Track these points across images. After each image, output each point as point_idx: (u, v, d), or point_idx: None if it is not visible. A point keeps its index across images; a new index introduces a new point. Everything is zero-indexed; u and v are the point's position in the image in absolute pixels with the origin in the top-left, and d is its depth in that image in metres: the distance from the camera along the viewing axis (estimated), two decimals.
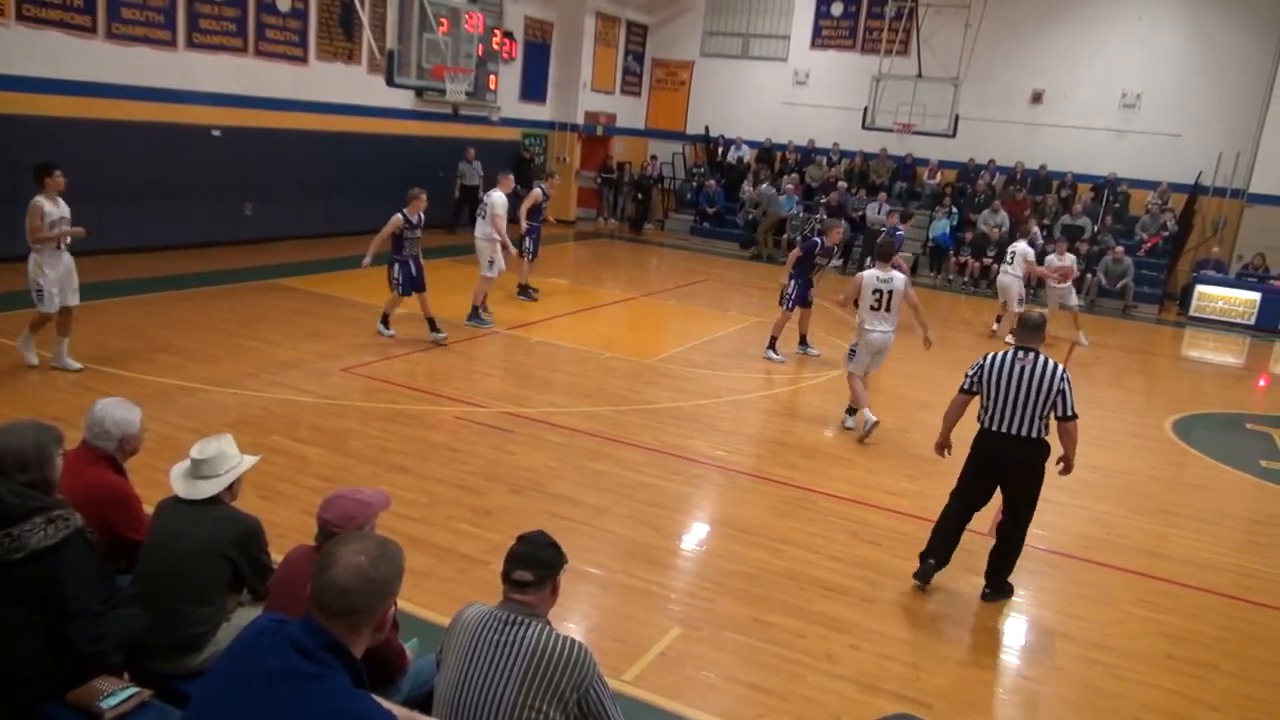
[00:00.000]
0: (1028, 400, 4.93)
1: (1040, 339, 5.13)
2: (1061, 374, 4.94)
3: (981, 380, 5.08)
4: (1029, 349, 5.05)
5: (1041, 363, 4.97)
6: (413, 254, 9.31)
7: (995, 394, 5.02)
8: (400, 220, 9.18)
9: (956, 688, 4.45)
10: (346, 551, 2.09)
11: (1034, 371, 4.93)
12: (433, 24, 11.66)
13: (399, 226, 9.17)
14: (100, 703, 2.75)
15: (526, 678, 2.58)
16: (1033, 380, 4.92)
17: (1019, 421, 4.97)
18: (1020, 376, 4.94)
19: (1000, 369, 5.01)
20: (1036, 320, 5.19)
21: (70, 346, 7.67)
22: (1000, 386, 4.99)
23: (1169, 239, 17.41)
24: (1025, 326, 5.19)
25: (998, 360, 5.05)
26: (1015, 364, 4.98)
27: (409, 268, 9.28)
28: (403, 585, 2.23)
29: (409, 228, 9.24)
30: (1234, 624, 5.36)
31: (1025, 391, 4.93)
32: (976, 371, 5.13)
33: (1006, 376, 4.98)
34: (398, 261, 9.25)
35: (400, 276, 9.27)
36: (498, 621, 2.68)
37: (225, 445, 3.39)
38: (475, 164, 17.21)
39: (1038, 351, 5.04)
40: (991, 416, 5.05)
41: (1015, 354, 5.02)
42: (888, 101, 17.88)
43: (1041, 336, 5.15)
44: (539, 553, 2.77)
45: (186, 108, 12.70)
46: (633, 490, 6.33)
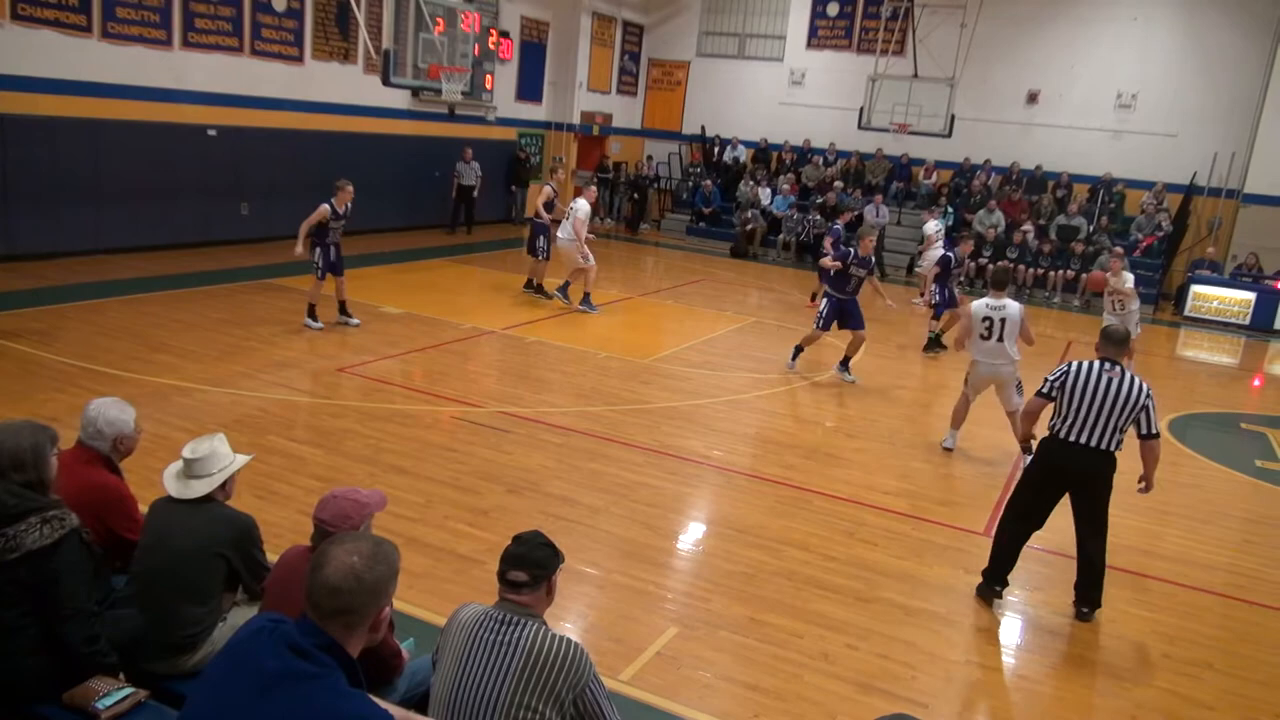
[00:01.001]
0: (1111, 413, 4.86)
1: (1124, 352, 5.10)
2: (1147, 391, 4.90)
3: (1065, 387, 4.97)
4: (1115, 361, 4.99)
5: (1128, 377, 4.91)
6: (334, 241, 9.63)
7: (1077, 403, 4.92)
8: (327, 210, 9.44)
9: (953, 687, 4.46)
10: (340, 552, 2.09)
11: (1120, 385, 4.88)
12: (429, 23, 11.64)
13: (325, 216, 9.45)
14: (96, 703, 2.75)
15: (522, 678, 2.58)
16: (1119, 394, 4.86)
17: (1098, 433, 4.89)
18: (1106, 389, 4.88)
19: (1086, 379, 4.92)
20: (1121, 333, 5.13)
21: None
22: (1084, 396, 4.90)
23: (1164, 239, 17.45)
24: (1109, 339, 5.10)
25: (1083, 369, 4.95)
26: (1102, 375, 4.91)
27: (328, 253, 9.59)
28: (398, 585, 2.23)
29: (334, 218, 9.52)
30: (1229, 623, 5.38)
31: (1110, 404, 4.86)
32: (1060, 377, 5.03)
33: (1092, 387, 4.89)
34: (319, 246, 9.53)
35: (320, 260, 9.55)
36: (493, 621, 2.68)
37: (217, 444, 3.39)
38: (473, 164, 17.18)
39: (1121, 365, 4.99)
40: (1070, 426, 4.94)
41: (1102, 365, 4.95)
42: (884, 102, 17.89)
43: (1126, 349, 5.12)
44: (533, 553, 2.77)
45: (182, 107, 12.68)
46: (629, 490, 6.33)
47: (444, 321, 10.61)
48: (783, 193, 19.46)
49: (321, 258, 9.55)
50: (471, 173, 17.23)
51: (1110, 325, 5.23)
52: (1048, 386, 5.07)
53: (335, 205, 9.47)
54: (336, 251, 9.67)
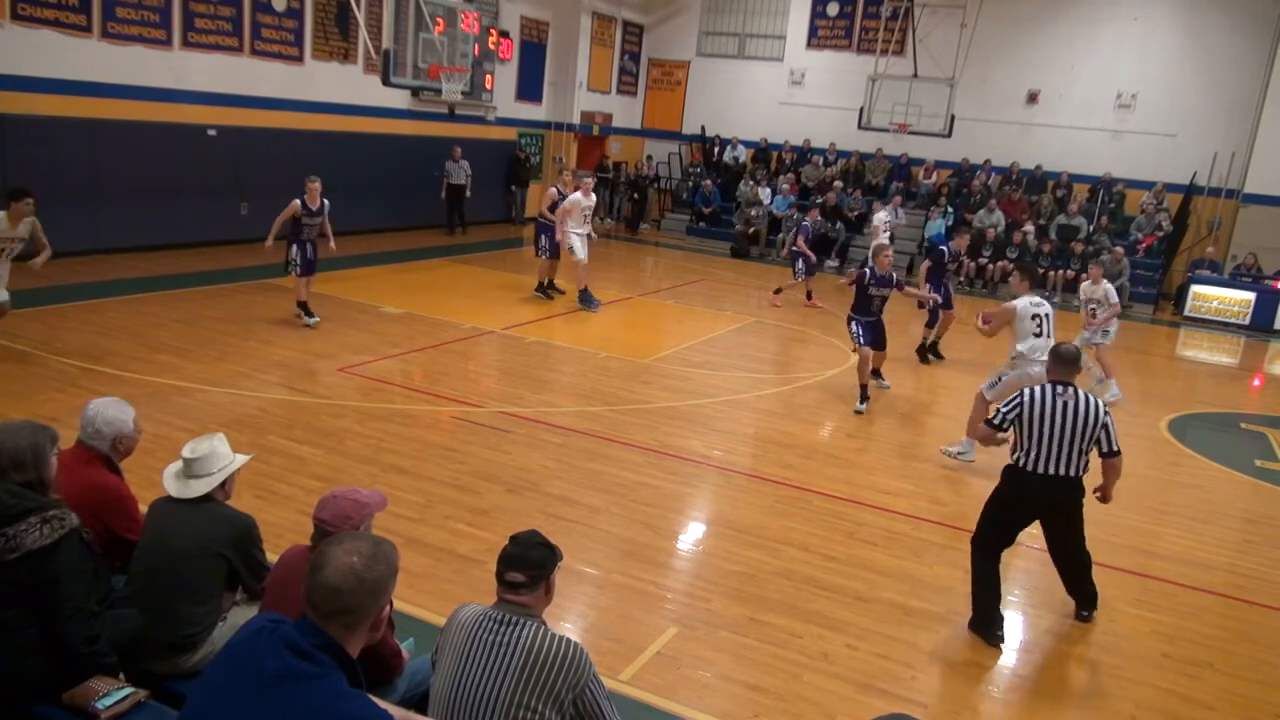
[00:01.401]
0: (1073, 438, 4.64)
1: (1076, 372, 4.88)
2: (1105, 409, 4.73)
3: (1022, 419, 4.72)
4: (1067, 383, 4.77)
5: (1083, 398, 4.71)
6: (309, 238, 9.67)
7: (1038, 433, 4.67)
8: (298, 204, 9.51)
9: (952, 687, 4.46)
10: (339, 552, 2.09)
11: (1078, 408, 4.66)
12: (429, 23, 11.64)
13: (296, 210, 9.52)
14: (96, 703, 2.75)
15: (522, 677, 2.58)
16: (1077, 417, 4.64)
17: (1063, 461, 4.67)
18: (1064, 414, 4.65)
19: (1042, 406, 4.68)
20: (1073, 353, 4.89)
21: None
22: (1043, 425, 4.66)
23: (1164, 239, 17.45)
24: (1061, 360, 4.86)
25: (1038, 398, 4.71)
26: (1058, 400, 4.68)
27: (305, 250, 9.66)
28: (398, 585, 2.23)
29: (306, 214, 9.56)
30: (1228, 623, 5.37)
31: (1070, 429, 4.64)
32: (1014, 409, 4.75)
33: (1050, 414, 4.66)
34: (295, 243, 9.59)
35: (298, 258, 9.60)
36: (492, 622, 2.68)
37: (217, 444, 3.39)
38: (462, 163, 16.99)
39: (1075, 386, 4.80)
40: (1034, 458, 4.69)
41: (1055, 390, 4.73)
42: (884, 102, 17.90)
43: (1078, 369, 4.89)
44: (530, 554, 2.77)
45: (182, 107, 12.68)
46: (629, 490, 6.33)
47: (444, 321, 10.61)
48: (783, 193, 19.45)
49: (299, 254, 9.60)
50: (461, 171, 17.03)
51: (1061, 345, 4.96)
52: (1000, 418, 4.81)
53: (307, 201, 9.52)
54: (312, 249, 9.72)
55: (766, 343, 11.47)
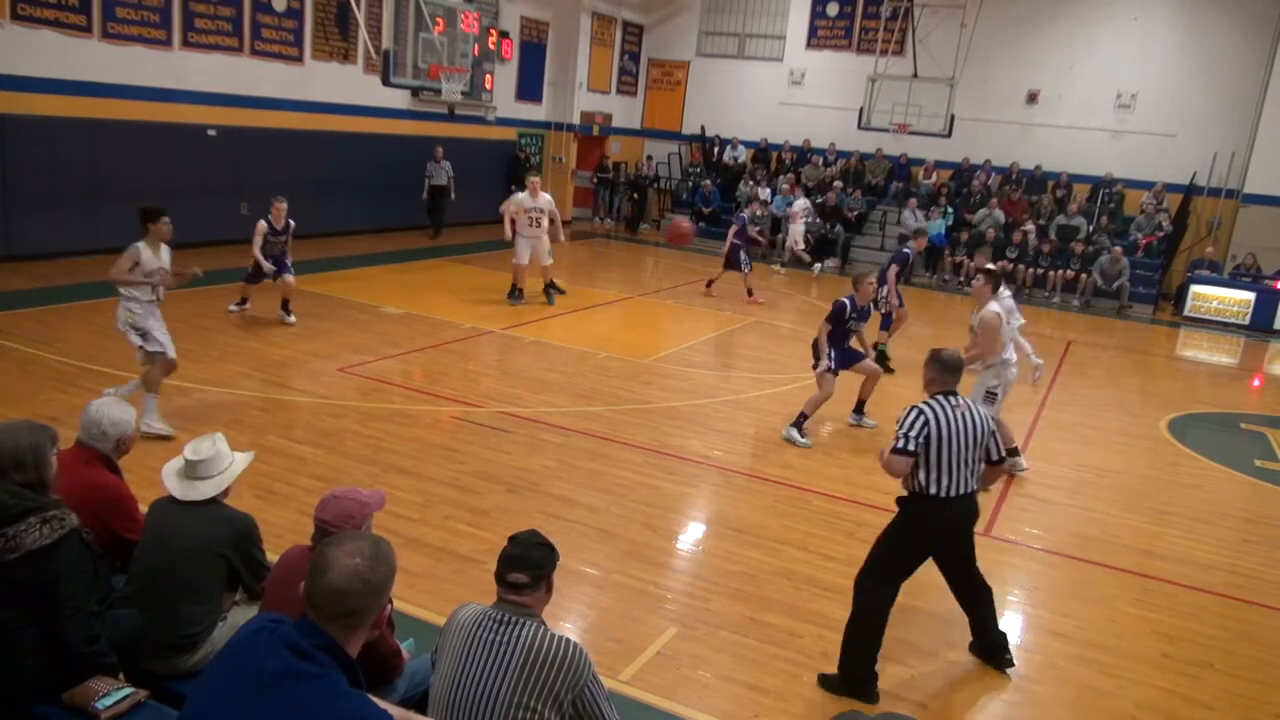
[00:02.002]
0: (971, 452, 4.20)
1: (959, 379, 4.37)
2: (987, 415, 4.35)
3: (930, 439, 4.13)
4: (954, 392, 4.30)
5: (972, 407, 4.29)
6: (274, 254, 9.63)
7: (946, 454, 4.14)
8: (264, 226, 9.52)
9: (952, 687, 4.46)
10: (340, 554, 2.09)
11: (972, 419, 4.23)
12: (429, 23, 11.64)
13: (263, 232, 9.54)
14: (96, 703, 2.75)
15: (521, 677, 2.58)
16: (972, 429, 4.21)
17: (965, 480, 4.21)
18: (963, 428, 4.18)
19: (948, 424, 4.14)
20: (956, 358, 4.38)
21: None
22: (950, 445, 4.14)
23: (1164, 239, 17.46)
24: (946, 367, 4.32)
25: (941, 416, 4.16)
26: (956, 414, 4.19)
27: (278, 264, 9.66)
28: (398, 585, 2.24)
29: (272, 233, 9.56)
30: (1228, 623, 5.37)
31: (969, 443, 4.18)
32: (922, 428, 4.13)
33: (957, 432, 4.15)
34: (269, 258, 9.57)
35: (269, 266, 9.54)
36: (492, 621, 2.68)
37: (220, 445, 3.39)
38: (444, 164, 16.56)
39: (958, 393, 4.34)
40: (941, 482, 4.16)
41: (949, 402, 4.23)
42: (883, 102, 17.89)
43: (960, 376, 4.39)
44: (531, 554, 2.77)
45: (182, 107, 12.68)
46: (629, 490, 6.34)
47: (444, 321, 10.61)
48: (783, 193, 19.45)
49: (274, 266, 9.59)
50: (443, 172, 16.57)
51: (943, 350, 4.40)
52: (911, 443, 4.13)
53: (272, 221, 9.51)
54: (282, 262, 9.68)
55: (766, 343, 11.47)
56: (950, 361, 4.33)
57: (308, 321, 9.94)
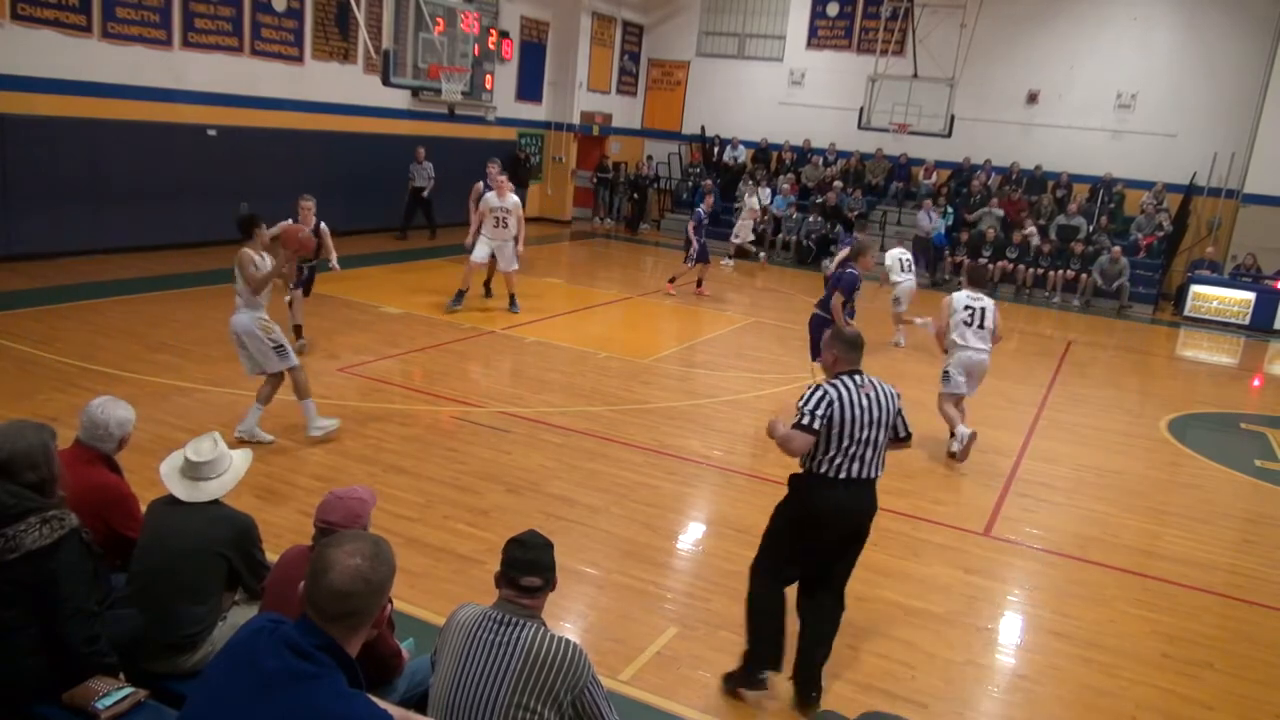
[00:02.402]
0: (877, 433, 4.03)
1: (861, 357, 4.18)
2: (896, 394, 4.15)
3: (831, 419, 3.94)
4: (861, 371, 4.11)
5: (879, 385, 4.09)
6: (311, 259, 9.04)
7: (847, 437, 3.97)
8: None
9: (952, 687, 4.46)
10: (341, 554, 2.08)
11: (878, 397, 4.04)
12: (429, 23, 11.64)
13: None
14: (96, 703, 2.75)
15: (521, 678, 2.58)
16: (880, 407, 4.03)
17: (870, 463, 4.04)
18: (868, 407, 4.00)
19: (851, 402, 3.97)
20: (856, 336, 4.22)
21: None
22: (857, 425, 3.97)
23: (1164, 239, 17.46)
24: (852, 345, 4.15)
25: (844, 393, 3.98)
26: (862, 393, 4.02)
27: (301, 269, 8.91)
28: (398, 585, 2.24)
29: None
30: (1228, 623, 5.38)
31: (876, 423, 4.02)
32: (826, 406, 3.94)
33: (862, 411, 3.98)
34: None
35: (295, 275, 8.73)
36: (492, 622, 2.68)
37: (220, 445, 3.40)
38: (426, 165, 16.18)
39: (865, 373, 4.14)
40: (835, 462, 3.98)
41: (855, 381, 4.04)
42: (883, 102, 17.88)
43: (861, 353, 4.18)
44: (542, 556, 2.78)
45: (182, 107, 12.68)
46: (629, 490, 6.34)
47: (444, 321, 10.61)
48: (783, 193, 19.46)
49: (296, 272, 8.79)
50: (424, 174, 16.18)
51: (846, 328, 4.36)
52: (815, 421, 3.93)
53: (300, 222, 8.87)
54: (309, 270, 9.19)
55: (766, 343, 11.47)
56: (853, 339, 4.17)
57: (308, 321, 9.92)
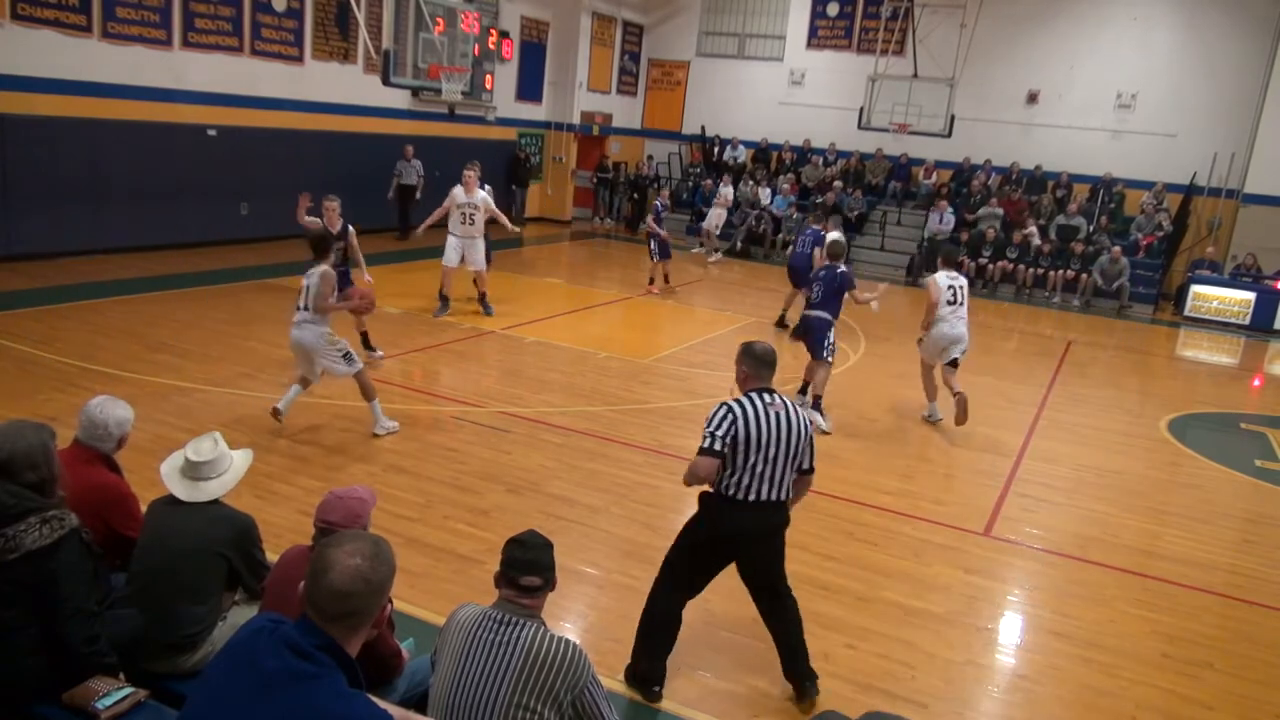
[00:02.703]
0: (783, 456, 3.88)
1: (773, 374, 4.05)
2: (806, 417, 4.05)
3: (736, 438, 3.83)
4: (771, 390, 3.97)
5: (790, 407, 3.96)
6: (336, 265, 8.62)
7: (752, 456, 3.84)
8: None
9: (952, 687, 4.46)
10: (341, 554, 2.08)
11: (788, 419, 3.90)
12: (429, 23, 11.64)
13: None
14: (96, 703, 2.74)
15: (521, 678, 2.58)
16: (789, 429, 3.88)
17: (773, 484, 3.90)
18: (778, 427, 3.86)
19: (758, 422, 3.84)
20: (769, 351, 4.03)
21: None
22: (759, 444, 3.84)
23: (1164, 239, 17.45)
24: (763, 361, 3.98)
25: (750, 413, 3.86)
26: (770, 412, 3.88)
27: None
28: (398, 585, 2.24)
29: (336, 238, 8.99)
30: (1228, 623, 5.37)
31: (783, 444, 3.87)
32: (729, 426, 3.83)
33: (767, 430, 3.84)
34: None
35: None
36: (492, 622, 2.68)
37: (221, 445, 3.39)
38: (414, 162, 15.84)
39: (778, 393, 4.00)
40: (742, 483, 3.87)
41: (763, 399, 3.91)
42: (884, 102, 17.89)
43: (774, 371, 4.05)
44: (542, 556, 2.78)
45: (182, 107, 12.68)
46: (629, 490, 6.33)
47: (444, 321, 10.61)
48: (783, 193, 19.45)
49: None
50: (413, 171, 15.80)
51: (755, 343, 4.06)
52: (716, 442, 3.83)
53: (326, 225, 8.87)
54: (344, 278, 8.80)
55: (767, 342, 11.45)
56: (764, 355, 3.98)
57: None
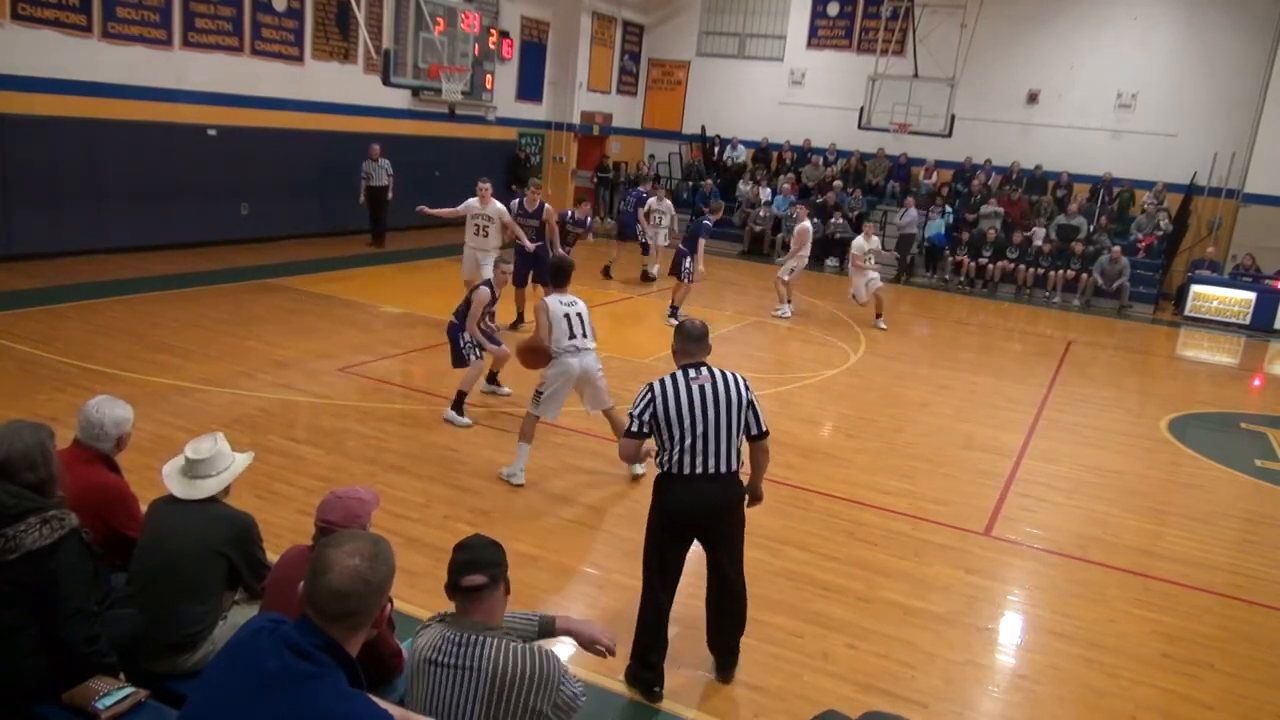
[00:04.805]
0: (719, 427, 3.98)
1: (707, 347, 4.17)
2: (745, 382, 4.11)
3: (657, 416, 3.99)
4: (699, 364, 4.10)
5: (720, 376, 4.04)
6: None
7: (679, 431, 3.96)
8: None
9: (952, 687, 4.46)
10: (340, 554, 2.07)
11: (716, 390, 4.00)
12: (429, 23, 11.64)
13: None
14: (96, 703, 2.75)
15: (490, 700, 2.49)
16: (717, 401, 3.98)
17: (716, 456, 3.99)
18: (703, 400, 3.97)
19: (676, 397, 3.97)
20: (700, 329, 4.18)
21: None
22: (684, 419, 3.95)
23: (1164, 239, 17.45)
24: (689, 337, 4.14)
25: (667, 389, 4.00)
26: (691, 386, 4.00)
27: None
28: (398, 585, 2.23)
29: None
30: (1229, 623, 5.37)
31: (713, 416, 3.97)
32: (646, 407, 4.00)
33: (687, 404, 3.96)
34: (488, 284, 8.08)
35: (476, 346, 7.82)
36: (450, 644, 2.56)
37: (221, 444, 3.39)
38: (382, 161, 15.00)
39: (709, 365, 4.12)
40: (677, 459, 3.98)
41: (685, 374, 4.05)
42: (884, 101, 17.89)
43: (707, 346, 4.18)
44: (483, 555, 2.64)
45: (182, 107, 12.68)
46: (629, 490, 6.33)
47: (444, 321, 10.57)
48: (783, 193, 19.45)
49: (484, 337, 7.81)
50: (382, 172, 15.03)
51: (686, 320, 4.26)
52: (634, 423, 4.04)
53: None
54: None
55: (767, 342, 11.47)
56: (692, 331, 4.15)
57: (307, 321, 9.94)
